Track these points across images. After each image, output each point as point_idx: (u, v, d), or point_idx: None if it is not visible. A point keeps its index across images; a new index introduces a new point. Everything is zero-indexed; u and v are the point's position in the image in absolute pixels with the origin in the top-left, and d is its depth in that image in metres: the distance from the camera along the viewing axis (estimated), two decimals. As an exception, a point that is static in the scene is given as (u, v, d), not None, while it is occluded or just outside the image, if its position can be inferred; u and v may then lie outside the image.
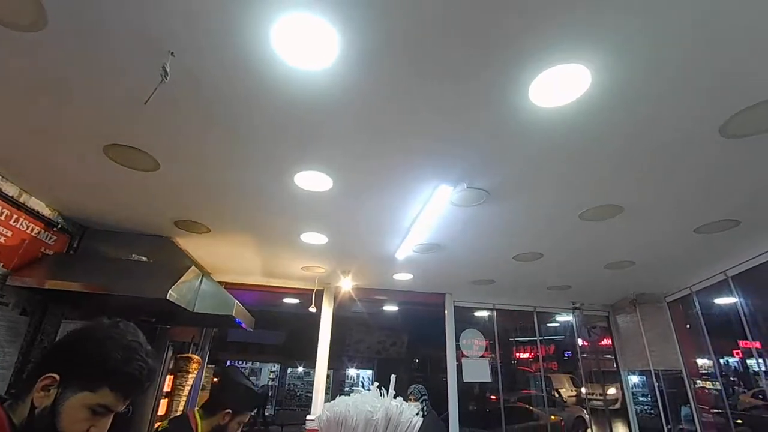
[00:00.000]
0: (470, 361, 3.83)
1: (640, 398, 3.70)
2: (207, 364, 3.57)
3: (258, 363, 14.52)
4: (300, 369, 15.09)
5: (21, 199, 2.03)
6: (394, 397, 0.86)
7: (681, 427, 3.39)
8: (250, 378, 3.78)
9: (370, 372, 15.81)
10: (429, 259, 2.93)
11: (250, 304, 4.18)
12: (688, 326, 3.69)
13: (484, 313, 4.19)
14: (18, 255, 2.04)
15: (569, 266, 3.05)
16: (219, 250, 2.91)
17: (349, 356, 14.32)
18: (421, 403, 2.91)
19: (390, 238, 2.53)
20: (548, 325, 5.61)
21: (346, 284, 3.33)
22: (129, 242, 2.48)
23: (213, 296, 2.57)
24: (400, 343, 13.87)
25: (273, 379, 15.15)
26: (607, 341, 4.43)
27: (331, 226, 2.38)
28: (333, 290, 3.64)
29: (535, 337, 4.30)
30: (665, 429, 3.48)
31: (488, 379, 3.81)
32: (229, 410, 1.56)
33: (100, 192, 2.05)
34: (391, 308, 5.30)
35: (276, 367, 15.53)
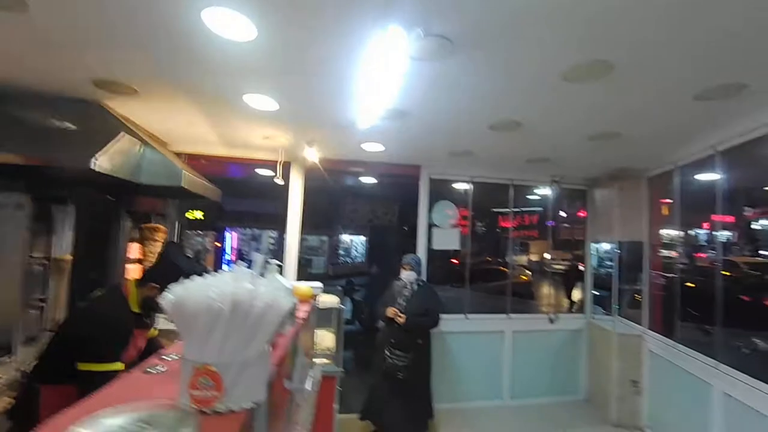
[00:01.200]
0: (440, 231, 3.91)
1: (606, 262, 3.93)
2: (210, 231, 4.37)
3: (257, 230, 15.45)
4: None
5: None
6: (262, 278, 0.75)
7: (634, 287, 3.66)
8: (201, 253, 4.01)
9: (363, 238, 16.97)
10: (398, 128, 2.68)
11: (233, 175, 4.12)
12: (665, 202, 3.66)
13: (464, 186, 4.12)
14: None
15: (550, 138, 2.81)
16: (162, 117, 2.63)
17: (343, 224, 15.14)
18: (416, 272, 3.12)
19: (347, 103, 2.23)
20: (528, 197, 5.65)
21: (312, 155, 3.14)
22: (50, 106, 2.19)
23: (161, 169, 2.41)
24: (392, 213, 14.45)
25: (273, 244, 16.26)
26: (584, 214, 4.48)
27: (273, 87, 2.06)
28: (302, 161, 3.47)
29: (515, 208, 4.32)
30: (617, 286, 3.75)
31: (457, 247, 3.96)
32: (156, 285, 1.57)
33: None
34: (370, 181, 5.23)
35: (275, 234, 16.47)
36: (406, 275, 3.15)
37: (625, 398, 3.55)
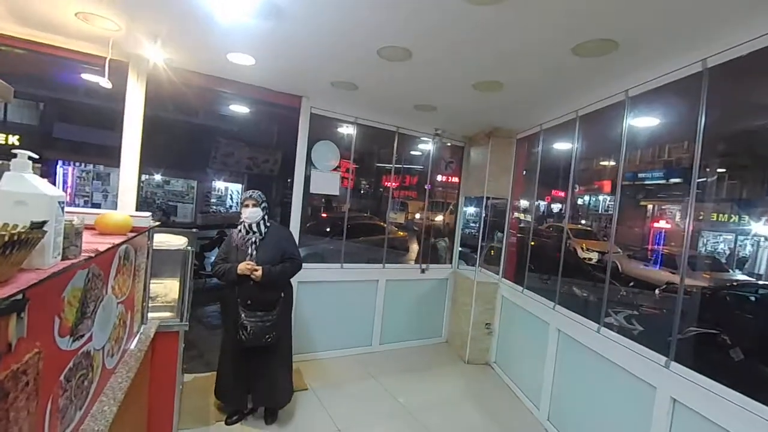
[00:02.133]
0: (319, 173, 3.57)
1: (471, 224, 4.15)
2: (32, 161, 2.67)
3: (103, 167, 12.71)
4: (158, 177, 13.89)
5: None
6: None
7: (492, 245, 3.96)
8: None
9: (239, 186, 15.53)
10: (271, 34, 2.16)
11: (59, 82, 2.93)
12: (525, 172, 3.98)
13: (348, 130, 3.79)
14: None
15: (439, 78, 2.64)
16: None
17: (215, 169, 13.53)
18: (263, 210, 2.58)
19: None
20: (411, 153, 5.66)
21: (156, 55, 2.40)
22: None
23: None
24: (273, 161, 13.48)
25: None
26: (455, 179, 4.65)
27: None
28: (143, 64, 2.66)
29: (397, 162, 4.19)
30: (480, 244, 4.03)
31: (336, 193, 3.69)
32: None
33: None
34: (241, 109, 4.52)
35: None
36: (249, 213, 2.50)
37: (479, 339, 3.91)
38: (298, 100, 3.36)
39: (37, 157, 0.84)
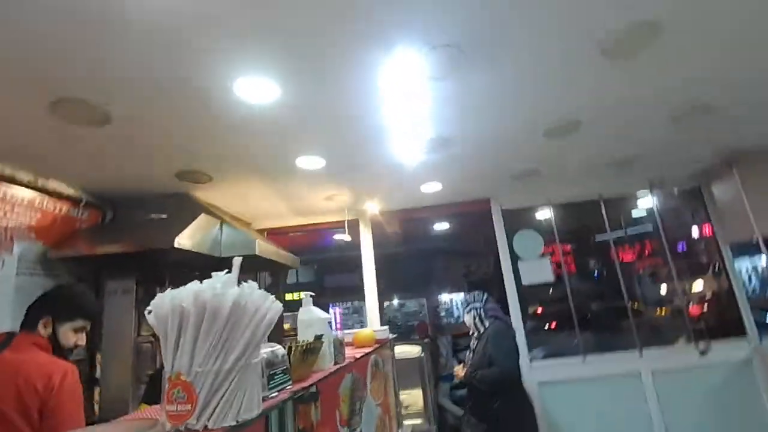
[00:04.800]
0: (527, 263, 3.53)
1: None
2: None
3: (357, 302, 15.83)
4: (395, 302, 16.09)
5: (39, 184, 2.22)
6: (240, 284, 0.71)
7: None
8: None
9: (462, 294, 16.19)
10: (447, 160, 2.62)
11: (321, 245, 4.34)
12: None
13: (546, 214, 3.76)
14: (53, 232, 2.28)
15: (621, 129, 2.47)
16: (237, 199, 2.97)
17: (437, 284, 14.78)
18: (471, 312, 2.71)
19: (384, 143, 2.27)
20: (633, 216, 4.92)
21: (373, 208, 3.20)
22: (151, 204, 2.62)
23: (237, 241, 2.66)
24: (486, 265, 13.73)
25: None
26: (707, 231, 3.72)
27: (313, 143, 2.21)
28: (366, 216, 3.55)
29: (619, 230, 3.76)
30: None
31: (550, 279, 3.49)
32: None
33: (91, 161, 2.14)
34: (444, 227, 5.11)
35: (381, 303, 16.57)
36: (467, 319, 2.64)
37: None
38: (486, 203, 3.65)
39: (314, 294, 1.31)
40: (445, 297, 17.28)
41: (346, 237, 3.38)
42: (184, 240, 2.21)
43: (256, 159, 2.33)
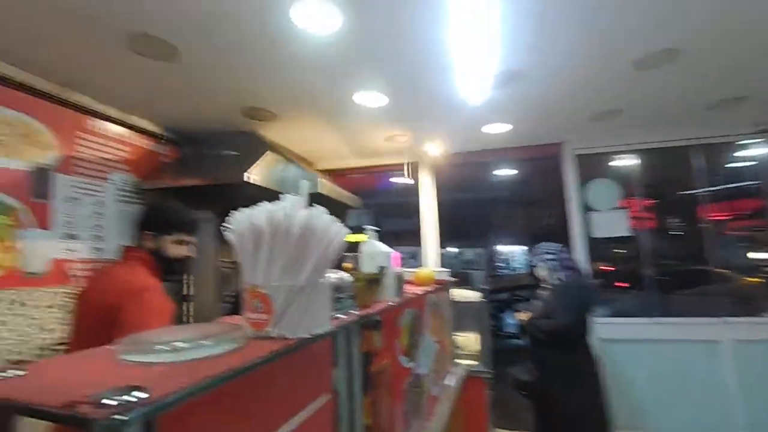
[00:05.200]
0: (600, 215, 3.28)
1: None
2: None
3: (414, 247, 16.09)
4: (452, 249, 16.14)
5: (126, 119, 2.42)
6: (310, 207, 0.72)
7: None
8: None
9: (524, 248, 15.78)
10: (516, 98, 2.42)
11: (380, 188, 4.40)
12: None
13: (626, 161, 3.41)
14: (142, 165, 2.51)
15: (734, 62, 2.08)
16: (299, 137, 3.02)
17: (497, 235, 14.46)
18: (544, 264, 2.51)
19: (449, 78, 2.13)
20: (728, 165, 4.29)
21: (434, 149, 3.10)
22: (222, 140, 2.77)
23: (300, 179, 2.75)
24: (549, 215, 13.15)
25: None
26: None
27: (374, 78, 2.12)
28: (427, 159, 3.47)
29: (712, 184, 3.34)
30: None
31: (624, 233, 3.23)
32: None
33: (167, 97, 2.26)
34: (508, 173, 4.86)
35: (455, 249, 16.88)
36: (539, 271, 2.55)
37: None
38: (557, 147, 3.37)
39: (378, 229, 1.33)
40: (504, 248, 17.03)
41: (406, 180, 3.35)
42: (253, 175, 2.33)
43: (317, 95, 2.31)
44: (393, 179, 3.88)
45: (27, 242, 1.85)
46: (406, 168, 3.37)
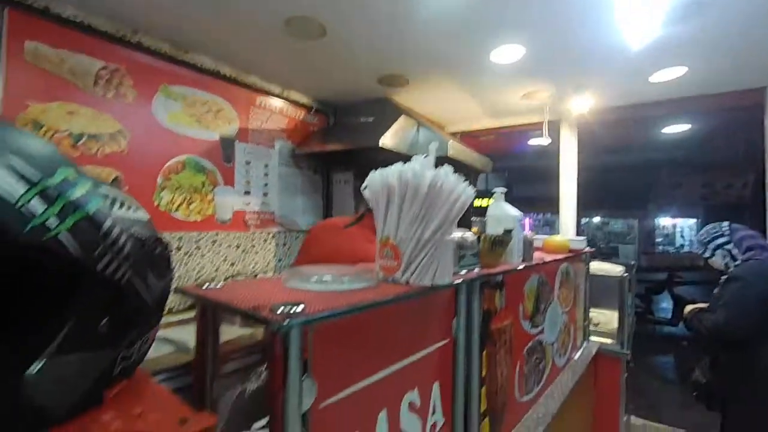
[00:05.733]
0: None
1: None
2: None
3: (550, 215, 14.81)
4: (596, 219, 14.30)
5: (285, 95, 2.80)
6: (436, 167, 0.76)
7: None
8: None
9: (693, 221, 12.96)
10: (697, 33, 1.94)
11: (514, 151, 4.20)
12: None
13: None
14: (296, 133, 2.90)
15: None
16: (432, 101, 3.03)
17: (659, 204, 12.17)
18: (719, 249, 2.03)
19: (604, 16, 1.83)
20: None
21: (580, 106, 2.75)
22: (360, 109, 2.99)
23: (431, 142, 2.80)
24: (742, 184, 10.56)
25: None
26: None
27: (512, 27, 1.96)
28: (571, 117, 3.10)
29: None
30: None
31: None
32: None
33: (315, 73, 2.52)
34: (679, 130, 4.01)
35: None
36: (715, 260, 2.06)
37: None
38: (757, 94, 2.62)
39: (506, 190, 1.30)
40: (666, 221, 14.38)
41: (544, 140, 3.08)
42: (387, 140, 2.47)
43: (451, 56, 2.26)
44: (530, 141, 3.61)
45: (218, 197, 2.38)
46: (544, 127, 3.08)
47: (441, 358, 0.90)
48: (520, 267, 1.25)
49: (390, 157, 2.70)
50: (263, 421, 1.03)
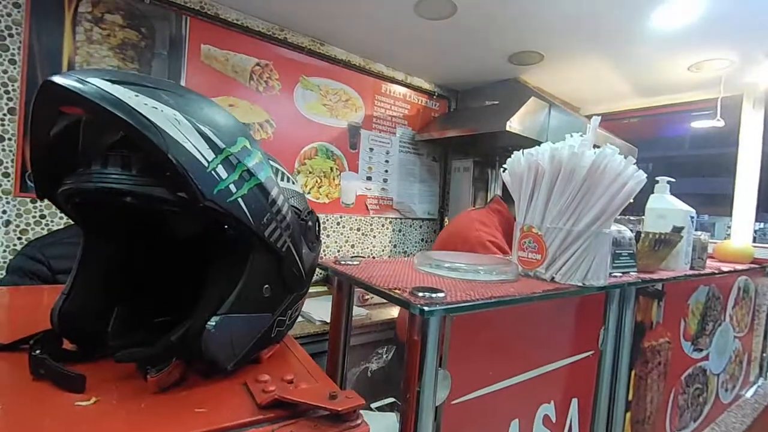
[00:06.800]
0: None
1: None
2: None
3: (707, 216, 12.19)
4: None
5: (408, 81, 2.81)
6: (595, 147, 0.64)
7: None
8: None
9: None
10: None
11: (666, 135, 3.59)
12: None
13: None
14: (417, 120, 2.90)
15: None
16: (568, 80, 2.70)
17: None
18: None
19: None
20: None
21: (778, 76, 2.14)
22: (485, 92, 2.83)
23: (564, 125, 2.52)
24: None
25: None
26: None
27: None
28: (758, 90, 2.44)
29: None
30: None
31: None
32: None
33: (442, 55, 2.45)
34: None
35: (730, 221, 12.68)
36: None
37: None
38: None
39: (673, 180, 1.07)
40: None
41: (717, 122, 2.49)
42: (514, 123, 2.29)
43: (599, 23, 1.96)
44: (693, 124, 2.96)
45: (343, 182, 2.52)
46: (718, 106, 2.48)
47: (583, 372, 0.78)
48: (687, 274, 1.02)
49: (515, 142, 2.52)
50: (380, 402, 1.05)
